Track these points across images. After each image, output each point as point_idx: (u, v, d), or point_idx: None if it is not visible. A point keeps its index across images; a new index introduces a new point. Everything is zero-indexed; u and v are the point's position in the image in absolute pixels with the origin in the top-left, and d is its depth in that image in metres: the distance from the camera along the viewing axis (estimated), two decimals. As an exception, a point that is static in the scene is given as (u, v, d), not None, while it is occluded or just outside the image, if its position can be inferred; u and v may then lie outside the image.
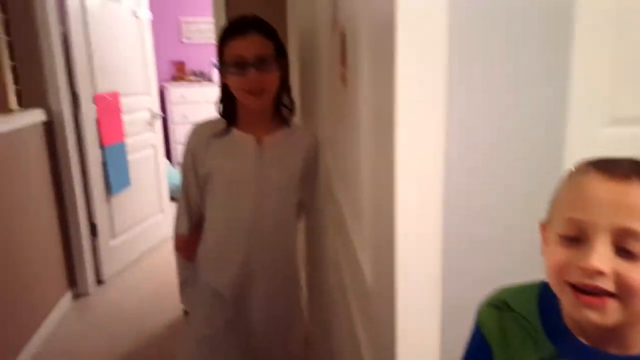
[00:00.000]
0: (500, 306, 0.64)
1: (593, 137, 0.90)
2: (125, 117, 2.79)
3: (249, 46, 1.07)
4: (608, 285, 0.49)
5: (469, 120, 0.72)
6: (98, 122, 2.56)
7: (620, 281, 0.49)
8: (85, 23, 2.44)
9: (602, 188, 0.51)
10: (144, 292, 2.57)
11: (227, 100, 1.18)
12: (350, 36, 0.73)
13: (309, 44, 1.29)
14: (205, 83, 4.68)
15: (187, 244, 1.26)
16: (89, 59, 2.49)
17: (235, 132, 1.18)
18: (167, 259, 2.96)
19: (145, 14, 3.01)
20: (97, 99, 2.55)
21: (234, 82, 1.11)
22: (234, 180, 1.17)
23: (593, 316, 0.50)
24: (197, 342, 1.26)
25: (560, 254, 0.52)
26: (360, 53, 0.60)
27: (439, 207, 0.47)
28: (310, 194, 1.30)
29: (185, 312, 1.34)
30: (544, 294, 0.61)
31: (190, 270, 1.27)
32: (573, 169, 0.56)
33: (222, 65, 1.12)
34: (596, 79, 1.08)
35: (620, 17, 0.91)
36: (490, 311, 0.64)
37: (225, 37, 1.10)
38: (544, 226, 0.58)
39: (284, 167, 1.20)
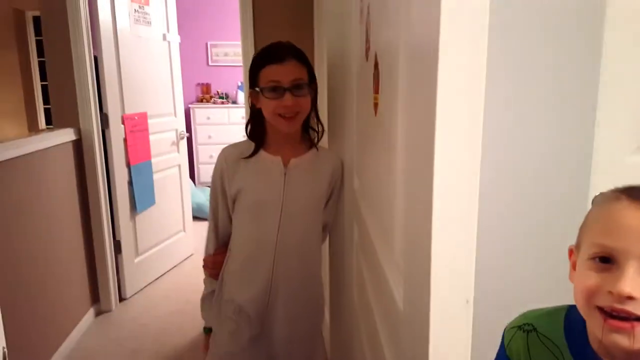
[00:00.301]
0: (527, 329, 0.64)
1: (618, 164, 0.90)
2: (152, 137, 2.87)
3: (285, 72, 1.11)
4: (638, 309, 0.50)
5: (502, 150, 0.72)
6: (126, 142, 2.63)
7: None
8: (116, 46, 2.54)
9: (634, 216, 0.52)
10: (166, 310, 2.58)
11: (256, 122, 1.21)
12: (385, 65, 0.74)
13: (338, 69, 1.32)
14: (229, 105, 4.78)
15: (214, 263, 1.27)
16: (119, 81, 2.58)
17: (263, 154, 1.21)
18: (188, 278, 2.98)
19: (175, 38, 3.12)
20: (126, 119, 2.63)
21: (269, 106, 1.14)
22: (261, 200, 1.19)
23: (622, 341, 0.51)
24: (221, 358, 1.27)
25: (590, 278, 0.53)
26: (397, 82, 0.61)
27: (473, 237, 0.47)
28: (333, 215, 1.32)
29: (205, 329, 1.34)
30: (570, 318, 0.62)
31: (213, 287, 1.28)
32: (603, 196, 0.58)
33: (256, 90, 1.15)
34: (622, 108, 1.08)
35: None
36: (517, 333, 0.65)
37: (262, 63, 1.13)
38: (572, 251, 0.59)
39: (310, 188, 1.22)
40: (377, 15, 0.84)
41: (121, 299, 2.68)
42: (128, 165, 2.66)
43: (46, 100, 4.49)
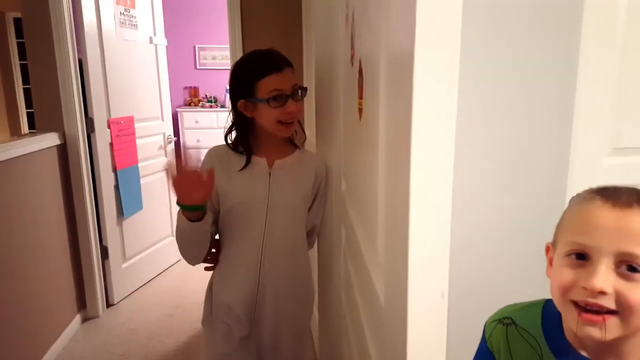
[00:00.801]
0: (507, 322, 0.68)
1: (595, 166, 0.93)
2: (139, 142, 2.85)
3: (285, 80, 1.15)
4: (609, 303, 0.53)
5: (477, 151, 0.75)
6: (112, 146, 2.61)
7: (621, 300, 0.53)
8: (101, 49, 2.53)
9: (607, 215, 0.55)
10: (154, 315, 2.57)
11: (244, 130, 1.23)
12: (368, 71, 0.76)
13: (325, 74, 1.34)
14: (218, 109, 4.77)
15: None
16: (104, 84, 2.56)
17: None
18: (177, 282, 2.96)
19: (162, 41, 3.11)
20: (112, 123, 2.61)
21: (271, 114, 1.16)
22: (247, 200, 1.21)
23: (595, 332, 0.54)
24: (212, 359, 1.28)
25: (566, 274, 0.56)
26: (378, 88, 0.63)
27: (447, 235, 0.49)
28: (319, 218, 1.34)
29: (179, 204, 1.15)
30: (547, 311, 0.65)
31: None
32: (578, 196, 0.61)
33: (252, 100, 1.16)
34: (598, 111, 1.12)
35: (623, 50, 0.94)
36: (497, 327, 0.68)
37: (259, 74, 1.15)
38: (549, 248, 0.62)
39: (295, 188, 1.24)
40: (360, 21, 0.86)
41: (109, 304, 2.65)
42: (114, 169, 2.64)
43: (29, 104, 4.44)
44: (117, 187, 2.66)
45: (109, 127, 2.59)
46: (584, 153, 1.10)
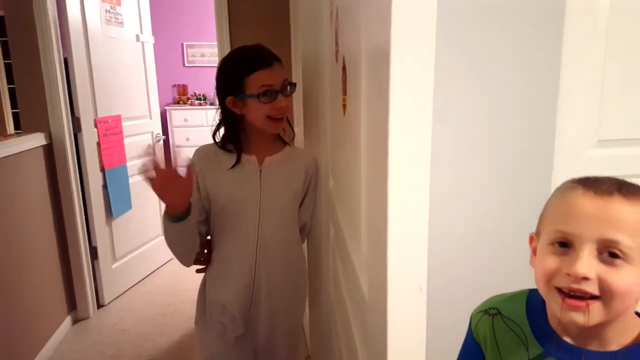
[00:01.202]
0: (493, 312, 0.70)
1: (580, 158, 0.94)
2: (127, 141, 2.83)
3: (275, 76, 1.14)
4: (592, 289, 0.55)
5: (461, 144, 0.75)
6: (99, 146, 2.59)
7: (603, 285, 0.55)
8: (87, 47, 2.50)
9: (588, 204, 0.57)
10: (146, 314, 2.55)
11: (233, 127, 1.22)
12: (350, 67, 0.76)
13: (312, 70, 1.33)
14: (207, 106, 4.74)
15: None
16: (91, 83, 2.53)
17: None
18: (168, 282, 2.95)
19: (149, 39, 3.09)
20: (99, 123, 2.59)
21: (261, 110, 1.15)
22: (239, 198, 1.20)
23: (578, 318, 0.56)
24: (209, 359, 1.28)
25: (550, 262, 0.58)
26: (360, 84, 0.63)
27: (425, 229, 0.49)
28: (310, 215, 1.34)
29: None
30: (531, 300, 0.67)
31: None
32: (561, 186, 0.62)
33: (241, 97, 1.15)
34: (582, 104, 1.13)
35: (606, 42, 0.95)
36: (483, 317, 0.70)
37: (248, 69, 1.13)
38: (533, 238, 0.64)
39: (286, 184, 1.24)
40: (343, 18, 0.85)
41: (99, 305, 2.63)
42: (102, 169, 2.62)
43: (14, 104, 4.37)
44: (105, 186, 2.63)
45: (95, 126, 2.57)
46: (568, 145, 1.12)
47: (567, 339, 0.61)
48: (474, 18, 0.70)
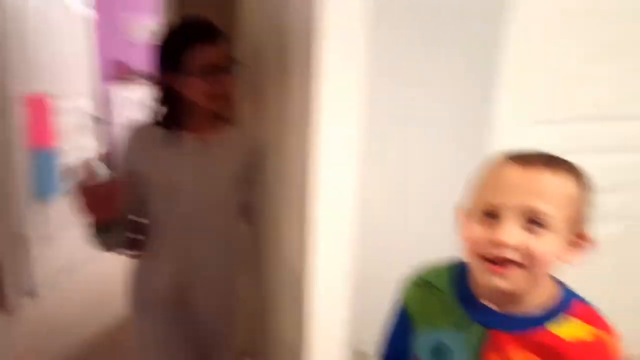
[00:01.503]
0: (420, 283, 0.74)
1: (518, 136, 0.99)
2: (60, 120, 2.65)
3: (219, 52, 1.08)
4: (514, 255, 0.59)
5: (396, 122, 0.77)
6: (27, 125, 2.41)
7: (525, 252, 0.58)
8: (20, 20, 2.30)
9: (514, 176, 0.60)
10: (76, 305, 2.45)
11: (172, 104, 1.16)
12: (289, 46, 0.75)
13: (260, 49, 1.30)
14: (149, 84, 4.53)
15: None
16: (20, 58, 2.34)
17: (177, 134, 1.17)
18: (100, 270, 2.83)
19: (87, 12, 2.89)
20: (28, 101, 2.40)
21: (201, 87, 1.09)
22: (175, 179, 1.16)
23: (501, 283, 0.60)
24: (145, 346, 1.25)
25: (476, 231, 0.62)
26: (293, 62, 0.63)
27: (353, 212, 0.51)
28: (253, 194, 1.30)
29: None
30: (455, 268, 0.71)
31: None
32: (490, 160, 0.65)
33: (183, 73, 1.09)
34: (522, 85, 1.19)
35: (545, 24, 1.00)
36: (410, 286, 0.75)
37: (190, 44, 1.07)
38: (462, 210, 0.67)
39: (225, 165, 1.20)
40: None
41: (30, 294, 2.48)
42: (32, 150, 2.44)
43: None
44: (34, 169, 2.47)
45: (24, 104, 2.38)
46: (505, 125, 1.18)
47: (490, 304, 0.65)
48: (410, 3, 0.70)
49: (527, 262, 0.59)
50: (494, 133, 1.14)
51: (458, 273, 0.71)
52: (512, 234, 0.58)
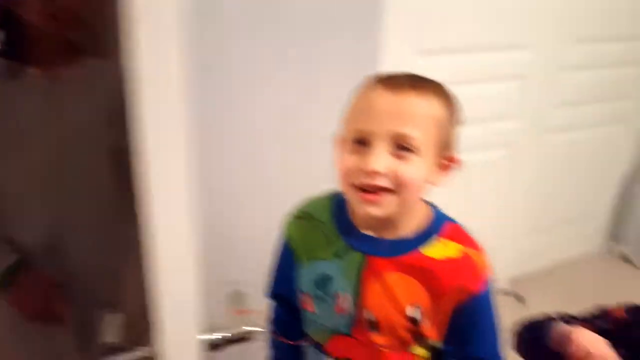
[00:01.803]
0: (300, 215, 0.74)
1: (404, 65, 0.99)
2: None
3: None
4: (385, 182, 0.59)
5: (277, 57, 0.71)
6: None
7: (395, 178, 0.58)
8: None
9: (383, 101, 0.59)
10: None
11: (10, 27, 0.94)
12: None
13: None
14: None
15: None
16: None
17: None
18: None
19: None
20: None
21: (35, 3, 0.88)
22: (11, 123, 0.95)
23: (374, 210, 0.60)
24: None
25: (348, 161, 0.61)
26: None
27: (187, 153, 0.47)
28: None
29: None
30: (334, 200, 0.72)
31: None
32: (361, 85, 0.63)
33: None
34: (405, 16, 1.19)
35: None
36: (292, 220, 0.75)
37: None
38: (336, 140, 0.66)
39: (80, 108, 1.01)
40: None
41: None
42: None
43: None
44: None
45: None
46: (394, 53, 1.16)
47: (367, 231, 0.66)
48: None
49: (397, 188, 0.59)
50: (383, 63, 1.13)
51: (338, 203, 0.71)
52: (380, 162, 0.58)
